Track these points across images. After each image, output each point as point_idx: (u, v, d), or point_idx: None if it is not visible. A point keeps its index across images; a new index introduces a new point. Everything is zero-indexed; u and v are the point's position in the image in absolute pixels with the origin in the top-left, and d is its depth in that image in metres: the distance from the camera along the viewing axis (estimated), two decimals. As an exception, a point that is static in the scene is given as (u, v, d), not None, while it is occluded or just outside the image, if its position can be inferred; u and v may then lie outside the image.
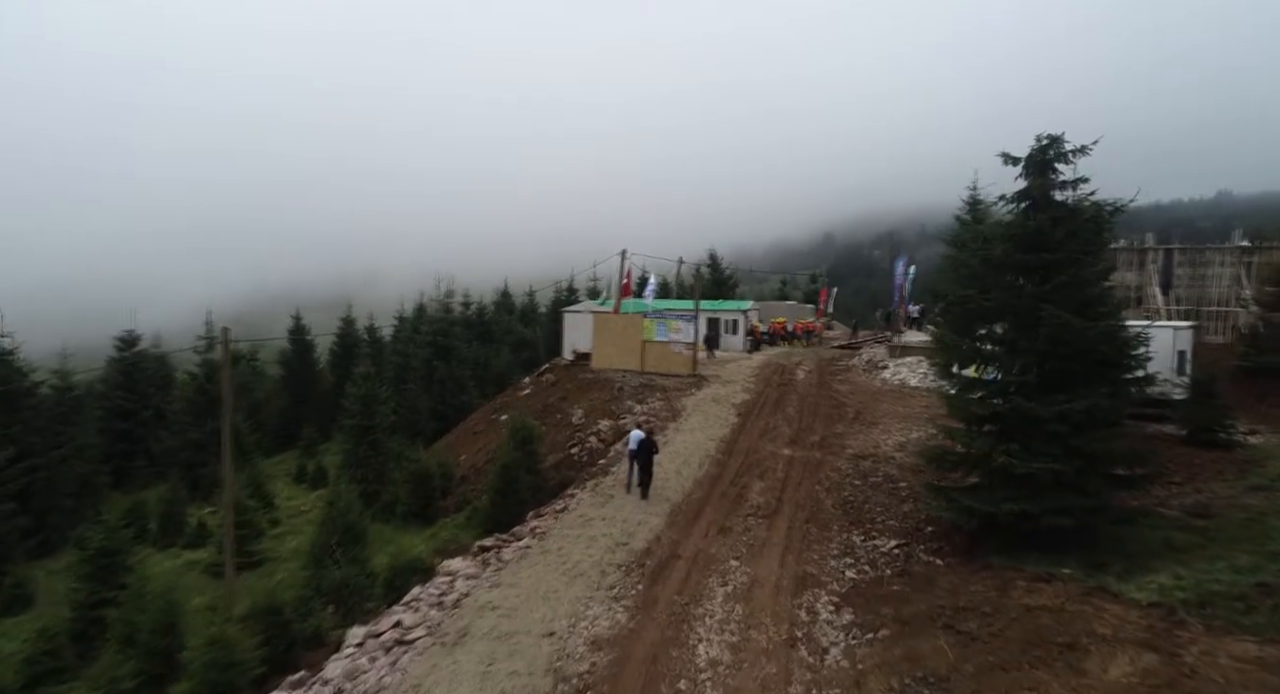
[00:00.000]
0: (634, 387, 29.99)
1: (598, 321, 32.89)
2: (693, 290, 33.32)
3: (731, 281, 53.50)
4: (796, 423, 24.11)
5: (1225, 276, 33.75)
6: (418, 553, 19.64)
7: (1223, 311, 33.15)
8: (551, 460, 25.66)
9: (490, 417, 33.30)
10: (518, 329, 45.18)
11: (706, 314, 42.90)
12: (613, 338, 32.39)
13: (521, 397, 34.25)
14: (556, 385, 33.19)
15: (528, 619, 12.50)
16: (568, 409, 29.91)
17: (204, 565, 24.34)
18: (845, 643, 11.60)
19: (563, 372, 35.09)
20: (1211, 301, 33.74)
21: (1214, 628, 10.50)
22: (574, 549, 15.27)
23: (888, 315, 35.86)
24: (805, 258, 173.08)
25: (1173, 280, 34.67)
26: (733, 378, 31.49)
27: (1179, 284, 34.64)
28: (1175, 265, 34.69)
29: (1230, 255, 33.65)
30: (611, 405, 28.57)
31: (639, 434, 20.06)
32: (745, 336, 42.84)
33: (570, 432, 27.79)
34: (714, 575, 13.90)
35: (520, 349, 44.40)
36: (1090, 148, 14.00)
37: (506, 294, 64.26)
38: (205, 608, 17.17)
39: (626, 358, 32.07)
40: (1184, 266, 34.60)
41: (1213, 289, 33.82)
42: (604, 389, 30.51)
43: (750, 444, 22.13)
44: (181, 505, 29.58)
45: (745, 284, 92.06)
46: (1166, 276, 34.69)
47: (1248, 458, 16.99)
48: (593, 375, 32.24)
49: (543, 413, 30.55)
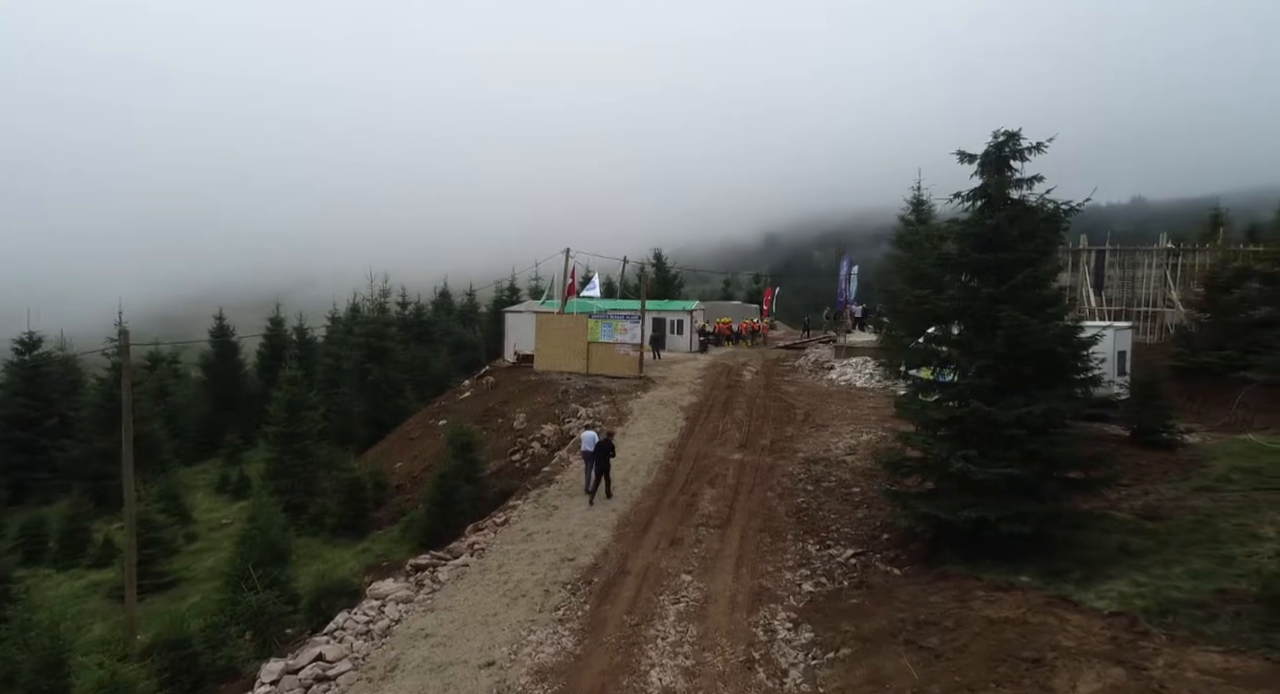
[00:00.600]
0: (579, 389, 29.04)
1: (540, 322, 31.81)
2: (638, 290, 32.59)
3: (677, 281, 53.00)
4: (746, 426, 23.56)
5: (1153, 278, 34.79)
6: (346, 572, 18.30)
7: (1151, 311, 34.16)
8: (493, 467, 24.54)
9: (428, 422, 31.86)
10: (457, 330, 43.50)
11: (652, 314, 42.22)
12: (556, 339, 31.36)
13: (461, 400, 32.89)
14: (498, 388, 31.97)
15: (464, 648, 11.47)
16: (509, 413, 28.78)
17: (109, 588, 22.30)
18: (805, 664, 10.96)
19: (504, 374, 33.88)
20: (1140, 302, 34.73)
21: (1177, 638, 10.23)
22: (516, 567, 14.27)
23: (836, 315, 35.76)
24: (749, 258, 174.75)
25: (1104, 281, 35.58)
26: (680, 379, 30.84)
27: (1110, 285, 35.57)
28: (1107, 266, 35.61)
29: (1158, 257, 34.71)
30: (556, 409, 27.57)
31: (592, 435, 19.26)
32: (703, 335, 42.33)
33: (512, 437, 26.69)
34: (665, 592, 13.11)
35: (460, 351, 42.75)
36: (1046, 145, 13.74)
37: (446, 294, 62.31)
38: (102, 641, 15.47)
39: (571, 359, 31.08)
40: (1114, 268, 35.54)
41: (1142, 290, 34.82)
42: (548, 392, 29.48)
43: (700, 449, 21.46)
44: (86, 521, 27.24)
45: (690, 284, 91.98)
46: (1099, 277, 35.57)
47: (1190, 458, 17.13)
48: (536, 378, 31.14)
49: (483, 417, 29.35)
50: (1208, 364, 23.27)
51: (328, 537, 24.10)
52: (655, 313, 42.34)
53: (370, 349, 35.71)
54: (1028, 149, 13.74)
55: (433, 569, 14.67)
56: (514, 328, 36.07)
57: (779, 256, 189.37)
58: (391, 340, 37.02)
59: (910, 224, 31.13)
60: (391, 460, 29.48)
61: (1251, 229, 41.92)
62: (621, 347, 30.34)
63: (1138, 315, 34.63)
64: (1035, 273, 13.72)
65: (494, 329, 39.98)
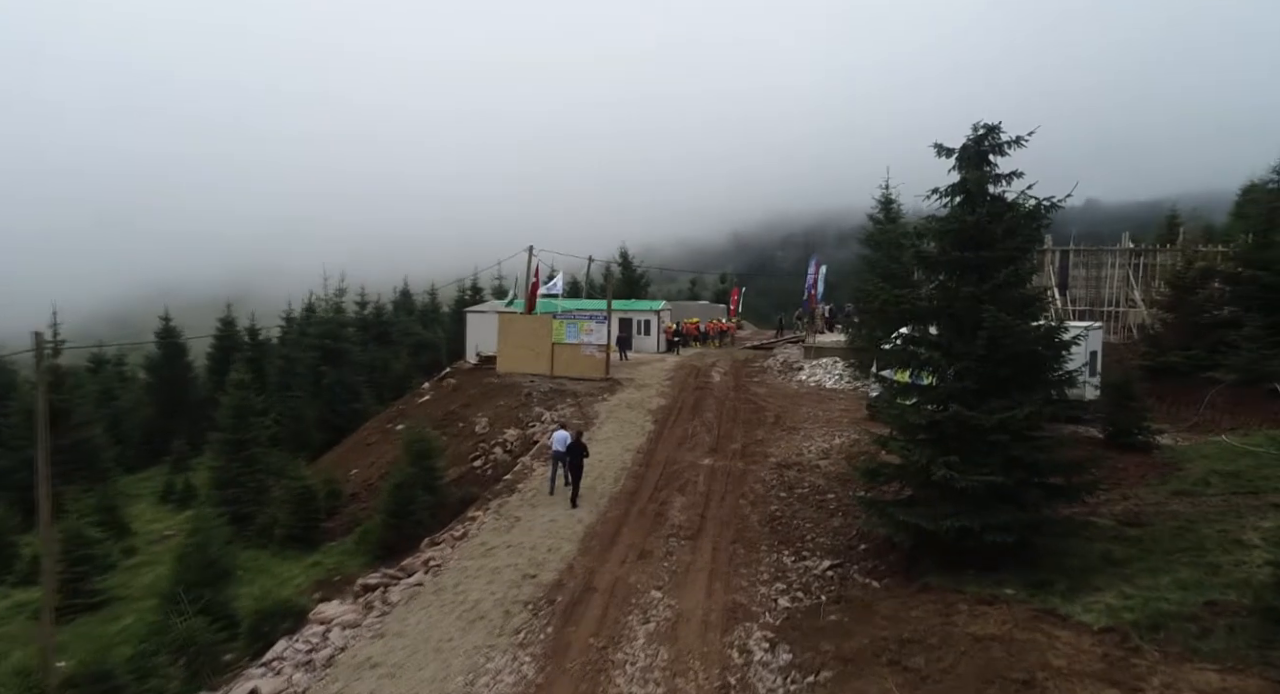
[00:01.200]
0: (543, 392, 28.10)
1: (503, 322, 30.78)
2: (604, 289, 31.79)
3: (643, 281, 52.24)
4: (716, 429, 22.90)
5: (1116, 278, 35.04)
6: (292, 589, 17.17)
7: (1115, 311, 34.38)
8: (453, 474, 23.51)
9: (385, 426, 30.60)
10: (417, 331, 42.08)
11: (619, 314, 41.42)
12: (520, 340, 30.37)
13: (420, 404, 31.69)
14: (459, 391, 30.85)
15: (415, 679, 10.54)
16: (471, 417, 27.71)
17: (35, 608, 20.72)
18: (784, 688, 10.26)
19: (466, 376, 32.75)
20: (1104, 302, 34.96)
21: (1171, 655, 9.76)
22: (473, 585, 13.34)
23: (807, 315, 35.35)
24: (715, 258, 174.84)
25: (1069, 281, 35.75)
26: (647, 381, 30.09)
27: (1074, 284, 35.76)
28: (1071, 267, 35.79)
29: (1121, 258, 34.96)
30: (519, 413, 26.61)
31: (564, 435, 18.48)
32: (675, 336, 41.67)
33: (473, 442, 25.65)
34: (634, 611, 12.31)
35: (420, 352, 41.36)
36: (1026, 139, 13.25)
37: (407, 293, 60.67)
38: (17, 670, 14.11)
39: (535, 361, 30.13)
40: (1079, 268, 35.74)
41: (1105, 290, 35.05)
42: (511, 395, 28.48)
43: (669, 454, 20.72)
44: (13, 535, 25.49)
45: (656, 284, 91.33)
46: (1064, 277, 35.72)
47: (1166, 461, 16.89)
48: (498, 380, 30.11)
49: (443, 421, 28.23)
50: (1174, 364, 23.24)
51: (277, 549, 22.79)
52: (622, 313, 41.56)
53: (325, 351, 34.25)
54: (1008, 143, 13.26)
55: (384, 589, 13.68)
56: (476, 328, 34.97)
57: (745, 257, 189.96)
58: (348, 341, 35.59)
59: (879, 223, 30.79)
60: (347, 467, 28.19)
61: (1207, 230, 42.64)
62: (587, 348, 29.48)
63: (1103, 315, 34.84)
64: (1017, 271, 13.26)
65: (456, 329, 38.75)
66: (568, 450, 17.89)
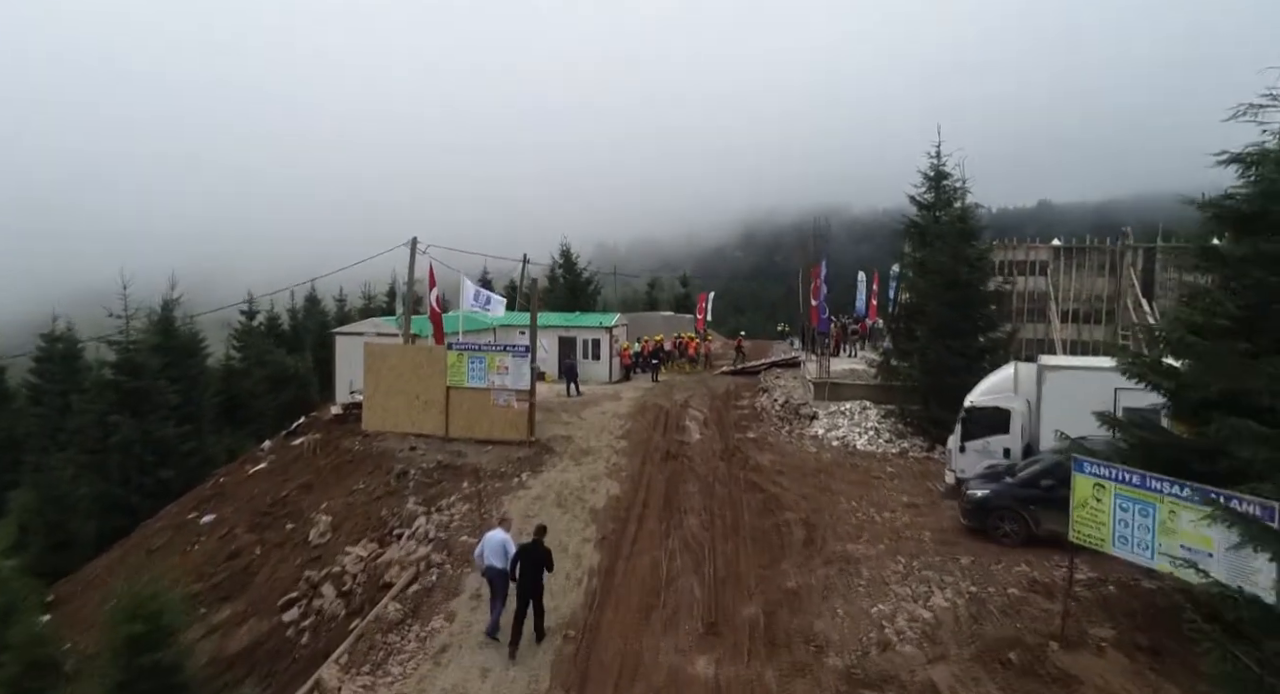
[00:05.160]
0: (427, 468, 17.84)
1: (371, 355, 20.35)
2: (530, 301, 21.58)
3: (592, 288, 41.65)
4: (708, 563, 12.99)
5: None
6: None
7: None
8: (241, 641, 13.34)
9: (187, 517, 19.87)
10: (278, 358, 30.96)
11: (558, 333, 31.27)
12: (396, 381, 20.03)
13: (251, 476, 21.01)
14: (301, 461, 20.30)
15: None
16: (308, 511, 17.34)
17: None
18: None
19: (326, 430, 22.20)
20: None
21: None
22: None
23: (824, 336, 25.60)
24: (669, 257, 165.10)
25: (1155, 288, 27.08)
26: (593, 440, 20.10)
27: (1165, 293, 27.08)
28: (1159, 268, 27.12)
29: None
30: (382, 509, 16.37)
31: (500, 538, 11.07)
32: (634, 359, 31.94)
33: (299, 564, 15.38)
34: None
35: (279, 387, 30.21)
36: None
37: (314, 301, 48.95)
38: None
39: (419, 414, 19.83)
40: (1171, 270, 27.08)
41: None
42: (375, 472, 18.18)
43: (624, 643, 10.72)
44: None
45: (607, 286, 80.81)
46: (1148, 282, 27.05)
47: None
48: (363, 444, 19.71)
49: (266, 515, 17.84)
50: None
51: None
52: (563, 330, 31.43)
53: (121, 393, 23.28)
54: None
55: None
56: (347, 356, 24.45)
57: (699, 256, 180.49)
58: (159, 375, 24.59)
59: (927, 209, 21.36)
60: (101, 597, 17.42)
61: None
62: (501, 395, 19.27)
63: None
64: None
65: (325, 356, 27.88)
66: (512, 563, 10.66)
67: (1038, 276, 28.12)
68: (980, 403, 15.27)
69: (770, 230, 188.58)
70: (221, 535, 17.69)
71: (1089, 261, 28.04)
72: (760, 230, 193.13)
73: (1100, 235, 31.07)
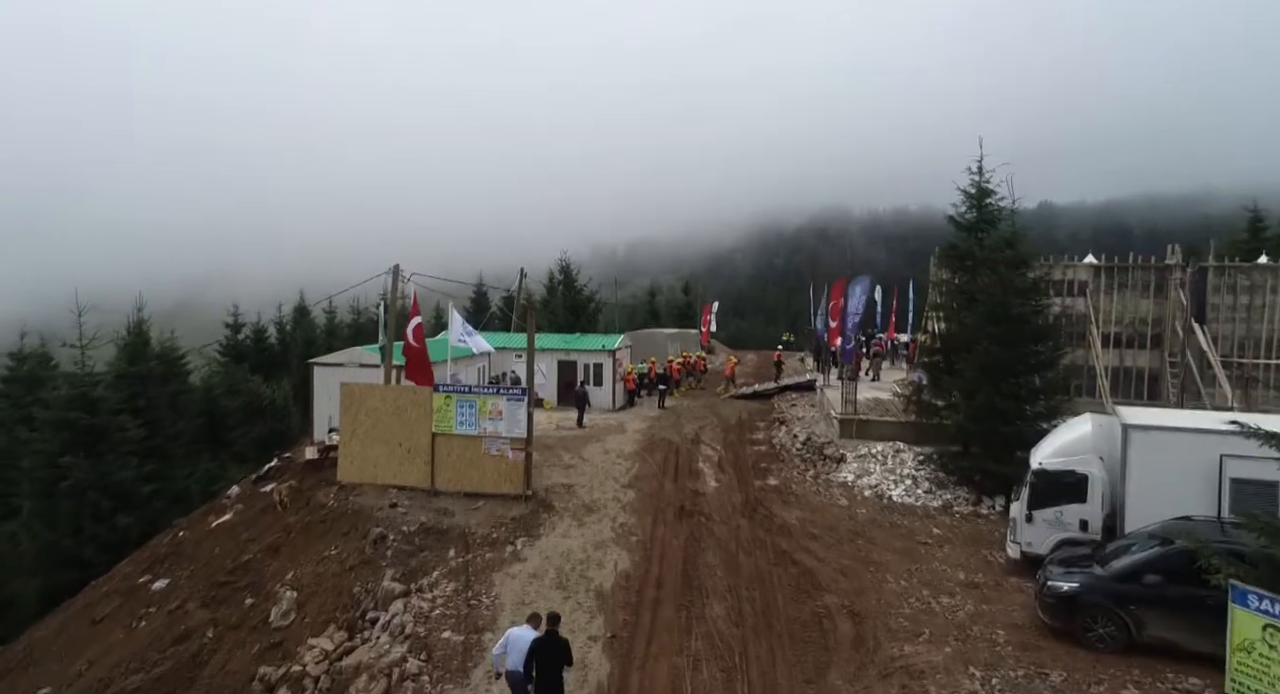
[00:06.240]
0: (408, 533, 15.61)
1: (348, 396, 18.11)
2: (528, 321, 19.30)
3: (592, 305, 38.98)
4: (740, 679, 10.76)
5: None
6: None
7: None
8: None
9: (138, 581, 17.60)
10: (253, 387, 28.48)
11: (558, 355, 29.10)
12: (376, 426, 17.79)
13: (214, 529, 18.78)
14: (270, 514, 18.06)
15: None
16: (270, 582, 15.16)
17: None
18: None
19: (300, 476, 19.98)
20: (1270, 342, 24.26)
21: None
22: None
23: (844, 363, 23.48)
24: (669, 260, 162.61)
25: (1206, 310, 24.96)
26: (597, 491, 17.92)
27: (1216, 316, 24.95)
28: (1211, 290, 24.98)
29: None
30: (354, 582, 14.18)
31: (523, 637, 9.37)
32: (641, 380, 30.09)
33: (255, 654, 13.17)
34: None
35: (256, 419, 27.76)
36: None
37: (304, 311, 46.43)
38: None
39: (401, 464, 17.60)
40: (1224, 293, 24.93)
41: (1269, 324, 24.38)
42: (350, 534, 15.95)
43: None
44: None
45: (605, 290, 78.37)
46: (1199, 304, 24.92)
47: None
48: (336, 499, 17.47)
49: (223, 586, 15.61)
50: None
51: None
52: (563, 353, 29.24)
53: (75, 431, 21.01)
54: None
55: None
56: (325, 389, 22.21)
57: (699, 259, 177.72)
58: (121, 409, 22.26)
59: (969, 230, 19.15)
60: (31, 684, 15.15)
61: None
62: (493, 443, 17.05)
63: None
64: None
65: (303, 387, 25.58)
66: (527, 661, 9.10)
67: (1075, 297, 25.96)
68: (1052, 465, 13.08)
69: (772, 233, 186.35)
70: (173, 609, 15.44)
71: (1131, 281, 25.88)
72: (761, 233, 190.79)
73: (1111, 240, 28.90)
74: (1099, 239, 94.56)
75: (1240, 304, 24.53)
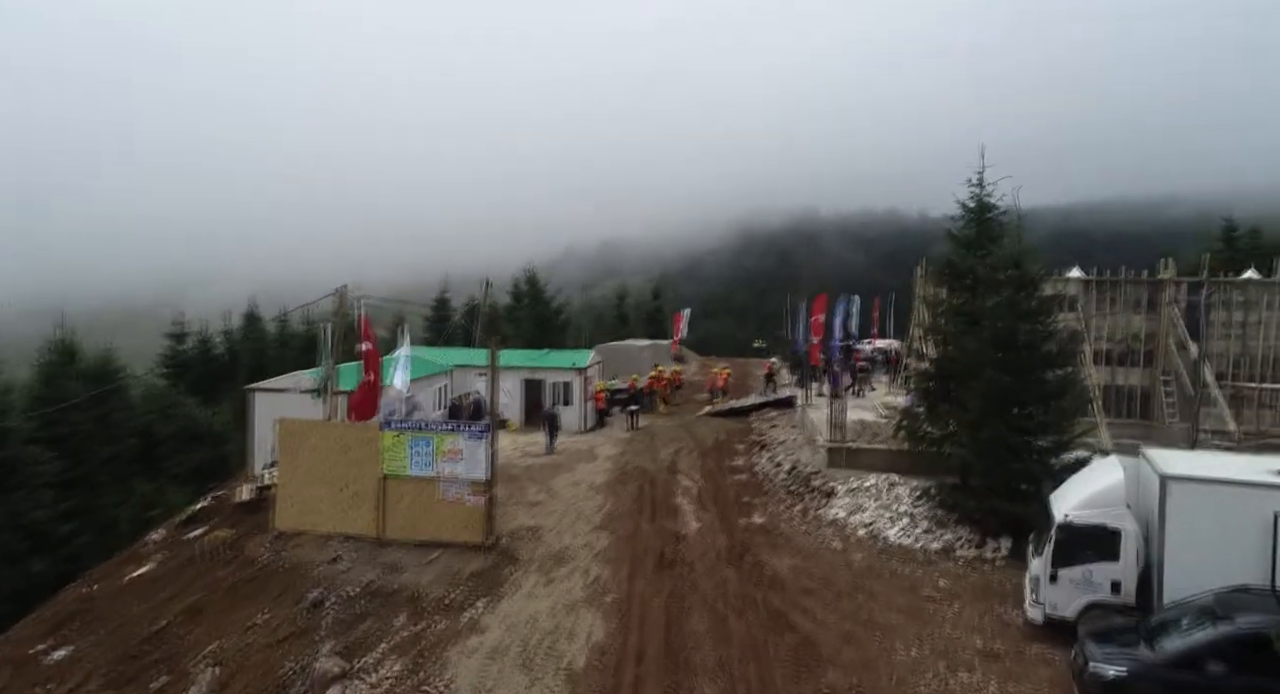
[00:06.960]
0: (350, 595, 13.67)
1: (286, 434, 16.06)
2: (491, 338, 17.44)
3: (561, 317, 37.07)
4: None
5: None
6: None
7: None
8: None
9: (38, 646, 15.32)
10: (187, 411, 25.95)
11: (523, 374, 27.23)
12: (318, 466, 15.79)
13: (125, 586, 16.56)
14: (192, 568, 15.93)
15: None
16: (187, 657, 13.08)
17: None
18: None
19: (233, 520, 17.86)
20: (1264, 361, 23.47)
21: None
22: None
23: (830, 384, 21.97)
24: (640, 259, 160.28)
25: (1202, 328, 24.09)
26: (567, 536, 16.17)
27: (1213, 333, 24.09)
28: (1205, 307, 24.10)
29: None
30: (285, 658, 12.23)
31: None
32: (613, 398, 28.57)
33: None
34: None
35: (193, 445, 25.16)
36: None
37: (254, 318, 43.39)
38: None
39: (346, 510, 15.63)
40: (1221, 310, 24.10)
41: (1263, 341, 23.59)
42: (283, 596, 13.97)
43: None
44: None
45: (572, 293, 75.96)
46: (1195, 321, 24.05)
47: None
48: (270, 551, 15.42)
49: (131, 664, 13.44)
50: None
51: None
52: (528, 371, 27.39)
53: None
54: None
55: None
56: (265, 417, 20.06)
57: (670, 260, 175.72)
58: (28, 440, 19.81)
59: (969, 249, 17.77)
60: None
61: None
62: (450, 487, 15.17)
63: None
64: None
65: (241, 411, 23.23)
66: None
67: (1066, 313, 24.91)
68: (1080, 519, 11.67)
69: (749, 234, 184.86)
70: (71, 689, 13.28)
71: (1122, 296, 24.93)
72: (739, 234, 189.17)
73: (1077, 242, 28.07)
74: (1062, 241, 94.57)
75: (1234, 321, 23.72)
